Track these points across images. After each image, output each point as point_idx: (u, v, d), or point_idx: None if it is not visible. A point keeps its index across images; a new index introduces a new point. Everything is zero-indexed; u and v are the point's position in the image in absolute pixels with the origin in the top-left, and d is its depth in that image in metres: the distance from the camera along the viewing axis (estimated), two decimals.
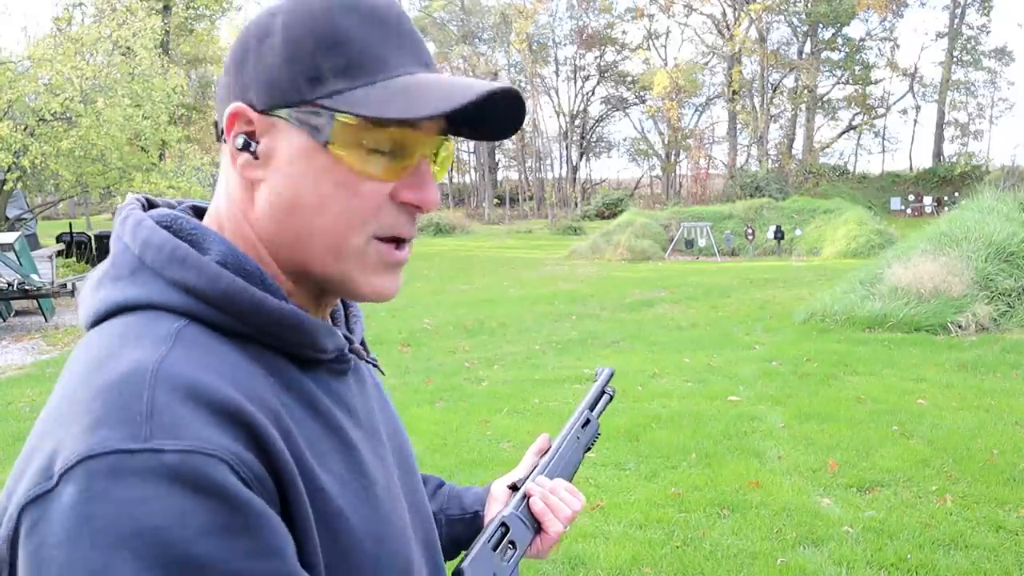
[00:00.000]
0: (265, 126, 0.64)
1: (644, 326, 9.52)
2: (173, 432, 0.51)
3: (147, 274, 0.62)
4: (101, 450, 0.50)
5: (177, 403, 0.53)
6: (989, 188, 11.77)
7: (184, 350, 0.57)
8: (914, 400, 5.71)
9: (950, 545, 3.45)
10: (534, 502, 0.92)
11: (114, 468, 0.50)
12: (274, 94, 0.63)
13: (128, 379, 0.54)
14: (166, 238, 0.63)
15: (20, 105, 13.34)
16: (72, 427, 0.52)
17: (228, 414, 0.54)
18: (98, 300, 0.63)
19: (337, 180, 0.63)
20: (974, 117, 40.20)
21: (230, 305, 0.61)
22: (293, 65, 0.62)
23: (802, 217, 20.99)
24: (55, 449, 0.52)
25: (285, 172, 0.64)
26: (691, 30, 60.65)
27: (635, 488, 4.18)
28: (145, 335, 0.58)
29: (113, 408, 0.52)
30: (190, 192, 14.55)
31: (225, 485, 0.52)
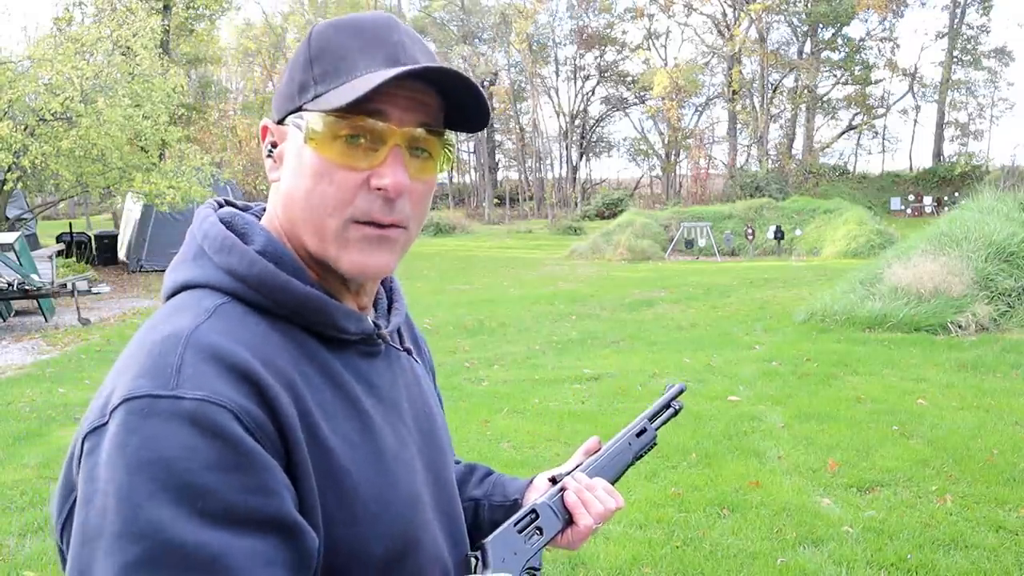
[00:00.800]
0: (280, 134, 0.78)
1: (644, 326, 9.52)
2: (194, 384, 0.63)
3: (204, 259, 0.75)
4: (138, 393, 0.63)
5: (200, 361, 0.65)
6: (989, 188, 11.77)
7: (218, 322, 0.69)
8: (914, 400, 5.71)
9: (950, 545, 3.45)
10: (568, 495, 0.96)
11: (145, 408, 0.62)
12: (281, 106, 0.77)
13: (168, 340, 0.66)
14: (220, 230, 0.76)
15: (20, 105, 13.33)
16: (124, 375, 0.65)
17: (241, 373, 0.66)
18: (169, 280, 0.78)
19: (316, 170, 0.73)
20: (974, 117, 40.21)
21: (263, 287, 0.73)
22: (292, 80, 0.76)
23: (802, 217, 20.99)
24: (112, 391, 0.65)
25: (289, 170, 0.76)
26: (691, 30, 60.63)
27: (635, 488, 4.18)
28: (190, 308, 0.71)
29: (152, 362, 0.65)
30: (190, 192, 14.54)
31: (231, 430, 0.63)
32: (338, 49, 0.74)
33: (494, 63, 42.99)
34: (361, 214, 0.73)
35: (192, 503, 0.59)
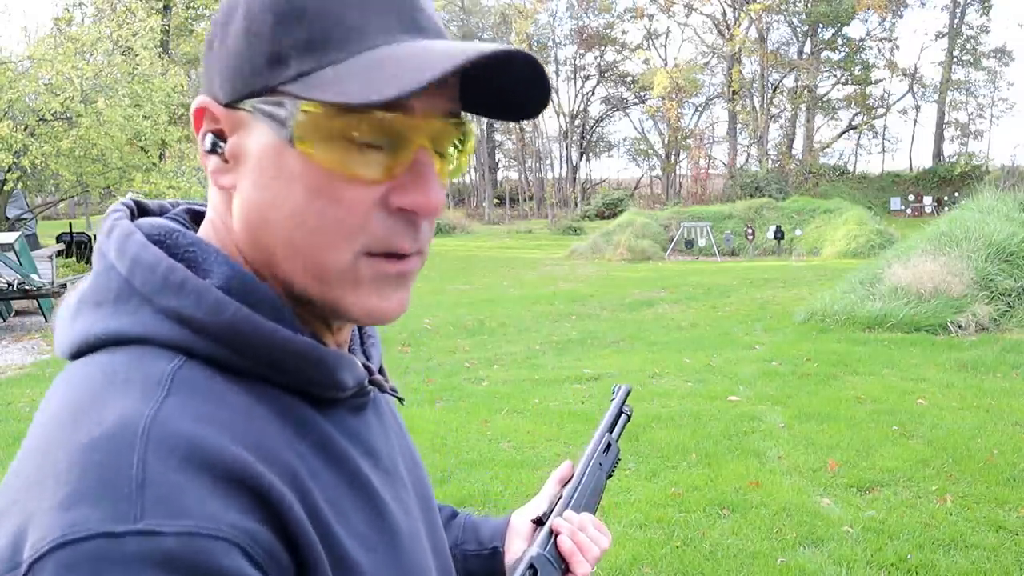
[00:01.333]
0: (232, 122, 0.53)
1: (644, 326, 9.52)
2: (170, 509, 0.42)
3: (136, 301, 0.52)
4: (79, 535, 0.41)
5: (173, 470, 0.44)
6: (989, 188, 11.78)
7: (181, 399, 0.48)
8: (914, 400, 5.71)
9: (950, 545, 3.45)
10: (562, 540, 0.83)
11: (96, 557, 0.40)
12: (236, 82, 0.52)
13: (113, 439, 0.44)
14: (158, 257, 0.52)
15: (20, 105, 13.34)
16: (43, 499, 0.43)
17: (236, 480, 0.45)
18: (77, 330, 0.53)
19: (310, 185, 0.51)
20: (974, 117, 40.24)
21: (235, 338, 0.51)
22: (253, 46, 0.52)
23: (802, 217, 21.00)
24: (21, 527, 0.42)
25: (254, 177, 0.53)
26: (691, 30, 60.64)
27: (635, 488, 4.18)
28: (133, 379, 0.48)
29: (94, 478, 0.43)
30: (190, 192, 14.54)
31: (231, 573, 0.43)
32: (327, 4, 0.50)
33: None
34: (377, 244, 0.53)
35: None
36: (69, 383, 0.51)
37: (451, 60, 0.48)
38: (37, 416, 0.52)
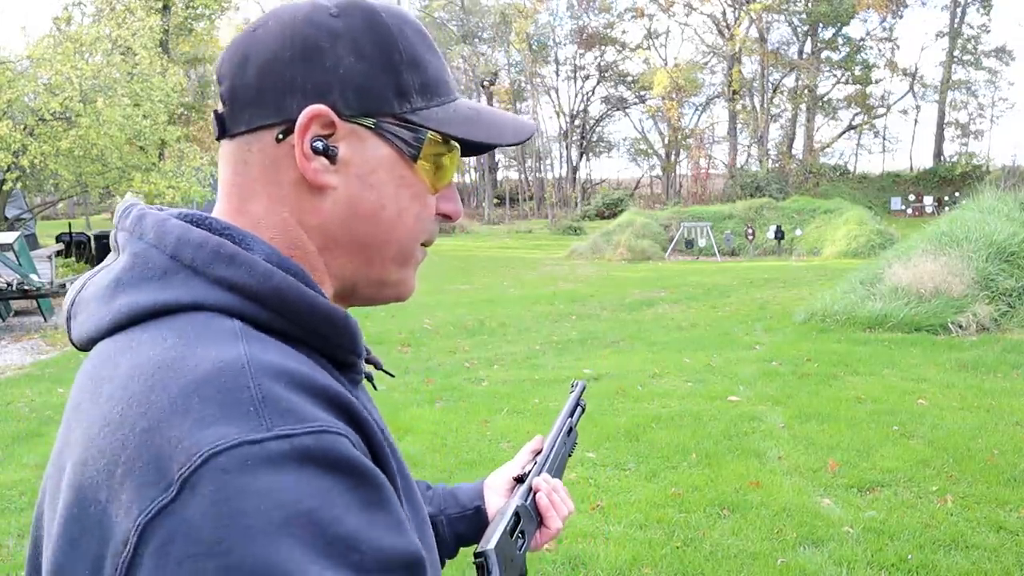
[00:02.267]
0: (346, 132, 0.63)
1: (644, 326, 9.52)
2: (293, 416, 0.50)
3: (185, 274, 0.58)
4: (225, 445, 0.48)
5: (283, 388, 0.52)
6: (990, 188, 11.77)
7: (260, 345, 0.55)
8: (914, 400, 5.70)
9: (951, 545, 3.44)
10: (540, 497, 0.95)
11: (245, 460, 0.47)
12: (364, 102, 0.63)
13: (223, 373, 0.51)
14: (205, 235, 0.60)
15: (19, 105, 13.33)
16: (167, 431, 0.49)
17: (328, 398, 0.55)
18: (119, 306, 0.59)
19: (414, 192, 0.67)
20: (974, 117, 40.23)
21: (281, 304, 0.59)
22: (385, 76, 0.64)
23: (802, 217, 21.00)
24: (155, 456, 0.48)
25: (365, 181, 0.64)
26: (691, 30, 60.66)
27: (635, 488, 4.17)
28: (208, 334, 0.55)
29: (218, 403, 0.50)
30: (189, 192, 14.54)
31: (358, 460, 0.52)
32: (430, 60, 0.67)
33: (494, 63, 43.00)
34: (429, 237, 0.70)
35: (348, 559, 0.48)
36: (134, 349, 0.55)
37: (528, 128, 0.72)
38: (90, 386, 0.57)
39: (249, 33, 0.66)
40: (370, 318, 10.27)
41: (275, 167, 0.64)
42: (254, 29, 0.66)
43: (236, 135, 0.65)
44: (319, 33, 0.63)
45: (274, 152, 0.63)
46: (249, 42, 0.65)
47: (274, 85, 0.63)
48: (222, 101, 0.65)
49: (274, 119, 0.63)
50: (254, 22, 0.67)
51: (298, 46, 0.63)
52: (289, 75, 0.62)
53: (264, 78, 0.63)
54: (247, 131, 0.64)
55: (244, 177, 0.65)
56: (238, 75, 0.64)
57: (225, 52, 0.66)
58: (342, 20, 0.64)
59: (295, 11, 0.65)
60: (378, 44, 0.64)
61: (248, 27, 0.67)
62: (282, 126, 0.63)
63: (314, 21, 0.64)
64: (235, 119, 0.64)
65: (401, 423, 5.30)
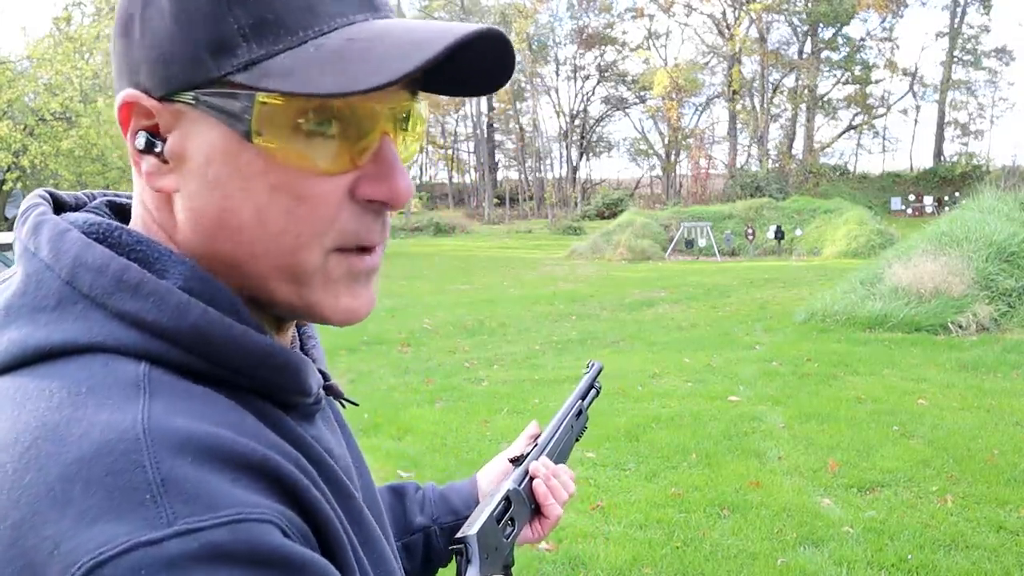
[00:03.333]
0: (169, 118, 0.48)
1: (644, 326, 9.52)
2: (202, 504, 0.39)
3: (82, 306, 0.47)
4: (113, 551, 0.37)
5: (190, 466, 0.40)
6: (990, 188, 11.78)
7: (166, 400, 0.44)
8: (914, 400, 5.70)
9: (951, 545, 3.44)
10: (537, 484, 0.86)
11: (141, 565, 0.37)
12: (171, 73, 0.47)
13: (113, 448, 0.40)
14: (107, 256, 0.47)
15: (19, 105, 13.35)
16: (40, 528, 0.38)
17: (252, 467, 0.43)
18: (9, 342, 0.47)
19: (273, 183, 0.48)
20: (974, 117, 40.25)
21: (202, 343, 0.47)
22: (190, 30, 0.46)
23: (802, 217, 21.00)
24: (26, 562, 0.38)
25: (204, 177, 0.48)
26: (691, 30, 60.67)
27: (635, 488, 4.17)
28: (103, 387, 0.43)
29: (106, 491, 0.39)
30: None
31: (288, 551, 0.41)
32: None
33: None
34: (347, 239, 0.50)
35: None
36: (18, 403, 0.44)
37: (437, 43, 0.46)
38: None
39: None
40: (370, 318, 10.15)
41: (135, 170, 0.52)
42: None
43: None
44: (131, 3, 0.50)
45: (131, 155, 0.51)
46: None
47: (116, 75, 0.51)
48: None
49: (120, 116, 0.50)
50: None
51: (119, 22, 0.50)
52: (116, 62, 0.51)
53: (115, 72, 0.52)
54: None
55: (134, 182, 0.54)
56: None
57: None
58: None
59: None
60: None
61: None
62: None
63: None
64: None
65: (401, 423, 5.30)
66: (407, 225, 33.00)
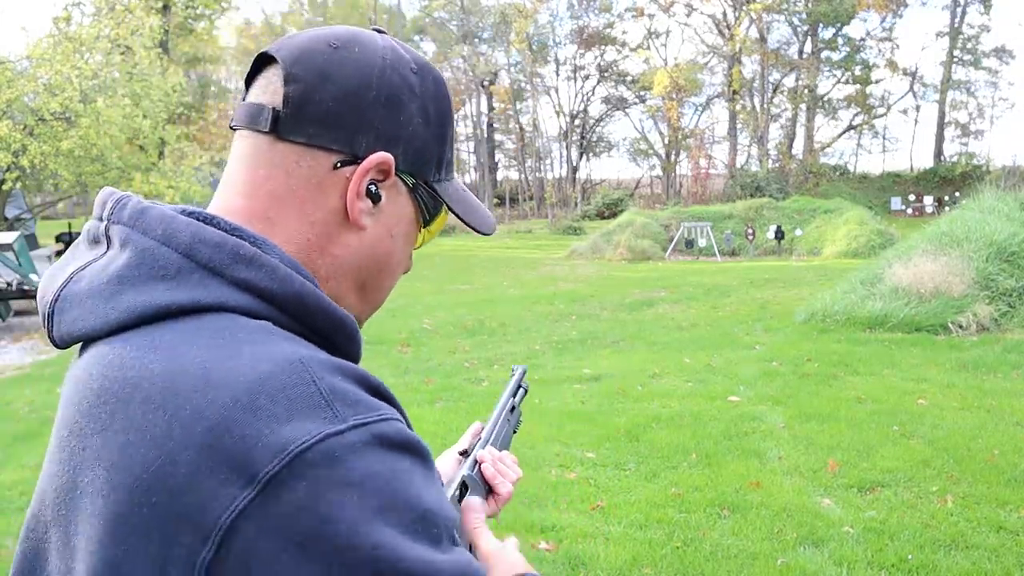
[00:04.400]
0: (390, 183, 0.67)
1: (644, 326, 9.51)
2: (363, 406, 0.53)
3: (199, 275, 0.57)
4: (311, 441, 0.50)
5: (343, 382, 0.54)
6: (990, 188, 11.77)
7: (297, 343, 0.57)
8: (915, 400, 5.70)
9: (951, 545, 3.44)
10: (486, 467, 0.97)
11: (332, 453, 0.50)
12: (416, 163, 0.68)
13: (284, 370, 0.53)
14: (222, 234, 0.59)
15: (19, 105, 13.34)
16: (237, 429, 0.50)
17: (374, 388, 0.57)
18: (128, 303, 0.57)
19: (410, 250, 0.74)
20: (974, 117, 40.21)
21: (301, 309, 0.59)
22: (438, 144, 0.70)
23: (802, 217, 21.00)
24: (226, 455, 0.49)
25: (388, 231, 0.69)
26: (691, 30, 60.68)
27: (635, 488, 4.17)
28: (245, 331, 0.56)
29: (287, 399, 0.51)
30: (189, 192, 14.54)
31: (417, 439, 0.56)
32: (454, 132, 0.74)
33: (494, 63, 42.98)
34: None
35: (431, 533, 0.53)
36: (162, 349, 0.55)
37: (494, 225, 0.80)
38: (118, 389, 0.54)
39: (330, 49, 0.65)
40: (370, 318, 10.26)
41: (320, 190, 0.65)
42: (335, 47, 0.66)
43: (289, 141, 0.64)
44: (403, 86, 0.67)
45: (324, 176, 0.65)
46: (332, 59, 0.65)
47: (352, 117, 0.64)
48: (285, 101, 0.64)
49: (339, 147, 0.64)
50: (329, 35, 0.67)
51: (384, 91, 0.65)
52: (369, 114, 0.65)
53: (345, 105, 0.64)
54: (305, 144, 0.64)
55: (280, 185, 0.64)
56: (316, 87, 0.64)
57: (296, 51, 0.65)
58: (419, 79, 0.68)
59: (380, 51, 0.67)
60: (440, 113, 0.70)
61: (323, 38, 0.66)
62: (343, 156, 0.65)
63: (400, 72, 0.67)
64: (297, 126, 0.64)
65: None
66: None
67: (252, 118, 0.65)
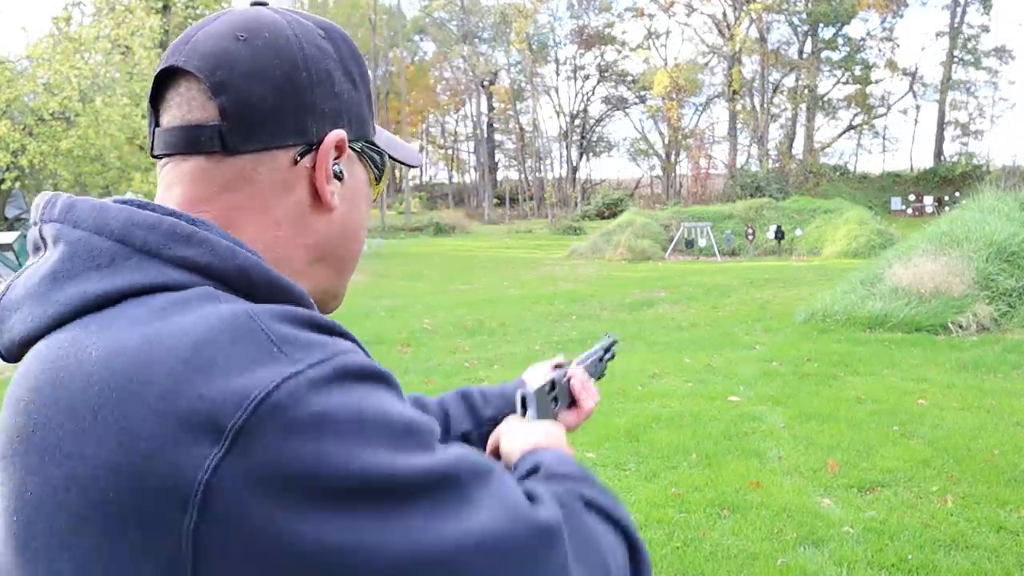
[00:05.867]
0: (346, 157, 0.67)
1: (644, 326, 9.51)
2: (317, 347, 0.52)
3: (136, 259, 0.55)
4: (271, 384, 0.48)
5: (292, 328, 0.53)
6: (990, 188, 11.77)
7: (237, 301, 0.55)
8: (915, 400, 5.69)
9: (951, 546, 3.43)
10: (574, 381, 1.06)
11: (295, 392, 0.48)
12: (358, 128, 0.68)
13: (229, 324, 0.51)
14: (156, 216, 0.56)
15: (19, 105, 13.34)
16: (191, 389, 0.48)
17: (326, 327, 0.56)
18: (64, 297, 0.54)
19: (369, 209, 0.73)
20: (974, 117, 40.23)
21: (246, 282, 0.57)
22: (368, 102, 0.70)
23: (802, 217, 21.01)
24: (186, 417, 0.47)
25: (353, 202, 0.69)
26: (691, 30, 60.67)
27: (635, 488, 4.17)
28: (185, 301, 0.53)
29: (239, 351, 0.50)
30: None
31: (382, 370, 0.55)
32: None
33: (494, 63, 42.98)
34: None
35: (417, 441, 0.52)
36: (97, 332, 0.52)
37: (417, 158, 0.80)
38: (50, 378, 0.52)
39: (242, 43, 0.61)
40: (370, 318, 10.26)
41: (284, 187, 0.63)
42: (243, 39, 0.61)
43: (242, 152, 0.61)
44: (323, 56, 0.64)
45: (287, 173, 0.63)
46: (249, 54, 0.61)
47: (295, 105, 0.62)
48: (223, 114, 0.60)
49: (294, 140, 0.62)
50: (229, 28, 0.62)
51: (311, 67, 0.63)
52: (308, 97, 0.62)
53: (283, 97, 0.61)
54: (261, 149, 0.61)
55: (240, 195, 0.62)
56: (248, 89, 0.60)
57: (209, 58, 0.60)
58: (331, 44, 0.66)
59: (287, 28, 0.63)
60: (360, 71, 0.69)
61: (226, 34, 0.62)
62: (299, 148, 0.63)
63: (315, 43, 0.64)
64: (246, 136, 0.60)
65: None
66: (407, 225, 32.98)
67: (190, 142, 0.61)
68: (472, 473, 0.54)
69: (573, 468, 0.71)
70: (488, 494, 0.54)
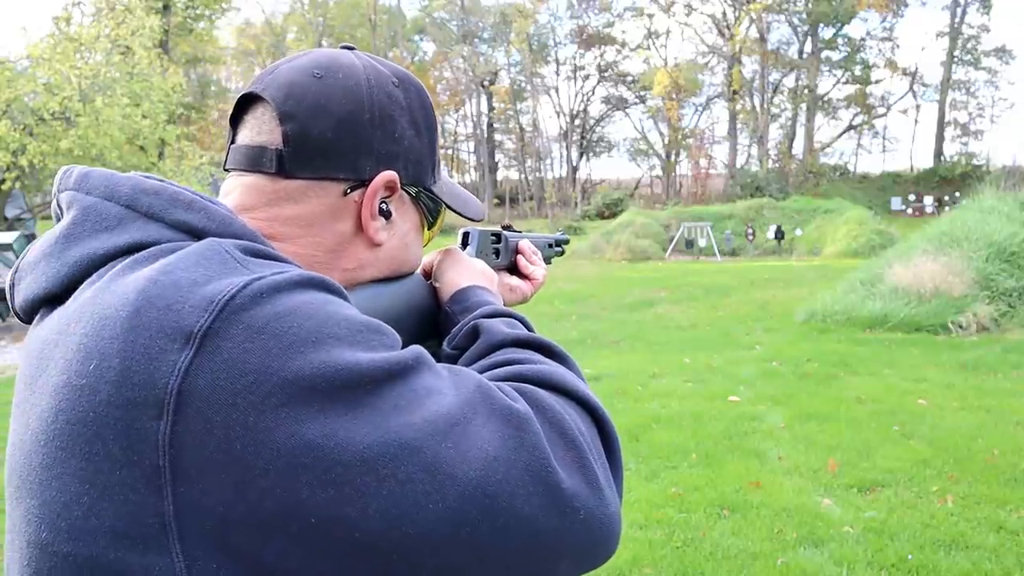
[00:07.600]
0: (397, 197, 0.71)
1: (644, 326, 9.51)
2: (277, 265, 0.57)
3: (141, 222, 0.59)
4: (234, 289, 0.51)
5: (253, 255, 0.57)
6: (990, 188, 11.77)
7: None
8: (915, 400, 5.69)
9: (951, 545, 3.43)
10: (523, 244, 1.03)
11: (259, 293, 0.52)
12: (416, 173, 0.72)
13: (197, 250, 0.55)
14: (160, 183, 0.61)
15: (19, 105, 13.34)
16: (159, 303, 0.50)
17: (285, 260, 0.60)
18: (74, 257, 0.58)
19: (421, 251, 0.78)
20: (974, 117, 40.24)
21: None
22: (430, 152, 0.73)
23: (802, 217, 21.01)
24: (154, 329, 0.50)
25: (403, 241, 0.73)
26: (691, 30, 60.69)
27: (635, 488, 4.16)
28: (169, 250, 0.56)
29: (204, 268, 0.53)
30: None
31: (341, 286, 0.59)
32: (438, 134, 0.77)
33: (494, 63, 42.99)
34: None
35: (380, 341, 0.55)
36: (102, 288, 0.55)
37: (482, 211, 0.85)
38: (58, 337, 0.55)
39: (316, 80, 0.66)
40: None
41: (332, 215, 0.68)
42: (319, 76, 0.67)
43: (296, 177, 0.66)
44: (391, 102, 0.69)
45: (335, 203, 0.67)
46: (320, 90, 0.66)
47: (352, 144, 0.66)
48: (285, 140, 0.65)
49: (345, 174, 0.67)
50: (310, 65, 0.68)
51: (375, 111, 0.67)
52: (366, 137, 0.67)
53: (343, 134, 0.66)
54: (312, 177, 0.66)
55: (286, 212, 0.66)
56: (312, 121, 0.65)
57: (284, 88, 0.66)
58: (402, 92, 0.70)
59: (362, 72, 0.68)
60: (427, 121, 0.72)
61: (305, 69, 0.67)
62: (350, 182, 0.67)
63: (385, 89, 0.69)
64: (302, 163, 0.65)
65: None
66: None
67: (253, 161, 0.66)
68: (433, 363, 0.58)
69: (521, 332, 0.72)
70: (454, 383, 0.57)
